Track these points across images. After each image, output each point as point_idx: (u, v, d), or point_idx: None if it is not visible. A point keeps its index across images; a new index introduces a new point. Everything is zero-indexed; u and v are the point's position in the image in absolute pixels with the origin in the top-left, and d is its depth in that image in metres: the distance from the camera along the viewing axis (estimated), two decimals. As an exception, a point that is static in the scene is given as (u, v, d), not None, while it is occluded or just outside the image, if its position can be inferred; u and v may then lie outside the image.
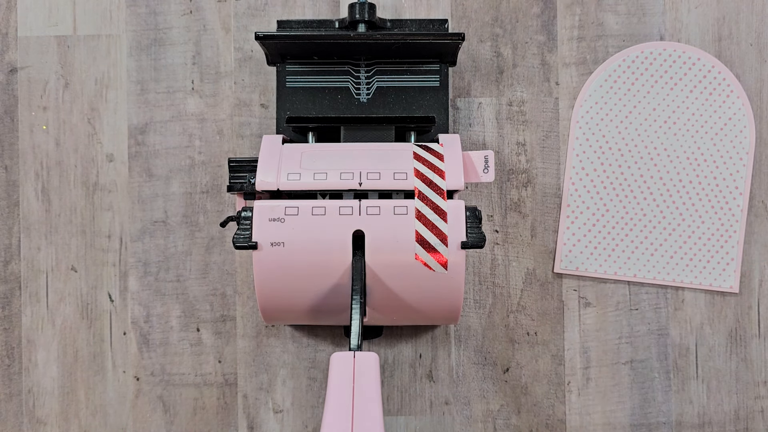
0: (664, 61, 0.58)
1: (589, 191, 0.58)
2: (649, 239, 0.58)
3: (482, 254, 0.58)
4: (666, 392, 0.58)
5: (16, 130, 0.58)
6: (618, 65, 0.58)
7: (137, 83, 0.58)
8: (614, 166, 0.58)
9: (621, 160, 0.58)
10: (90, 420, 0.58)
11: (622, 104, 0.58)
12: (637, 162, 0.58)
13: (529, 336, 0.58)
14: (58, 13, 0.59)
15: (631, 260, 0.58)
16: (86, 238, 0.58)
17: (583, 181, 0.58)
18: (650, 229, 0.58)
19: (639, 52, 0.58)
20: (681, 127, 0.58)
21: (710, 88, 0.58)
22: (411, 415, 0.57)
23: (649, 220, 0.58)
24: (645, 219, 0.58)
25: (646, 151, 0.58)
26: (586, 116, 0.58)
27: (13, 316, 0.58)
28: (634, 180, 0.58)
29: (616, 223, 0.58)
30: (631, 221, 0.58)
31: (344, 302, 0.49)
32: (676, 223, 0.58)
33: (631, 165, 0.58)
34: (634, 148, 0.58)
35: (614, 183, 0.58)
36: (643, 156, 0.58)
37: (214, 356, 0.58)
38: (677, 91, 0.58)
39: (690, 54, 0.58)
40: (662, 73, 0.58)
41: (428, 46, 0.54)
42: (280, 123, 0.56)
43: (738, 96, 0.58)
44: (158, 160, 0.58)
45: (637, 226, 0.58)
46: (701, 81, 0.58)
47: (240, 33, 0.58)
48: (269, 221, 0.48)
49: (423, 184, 0.49)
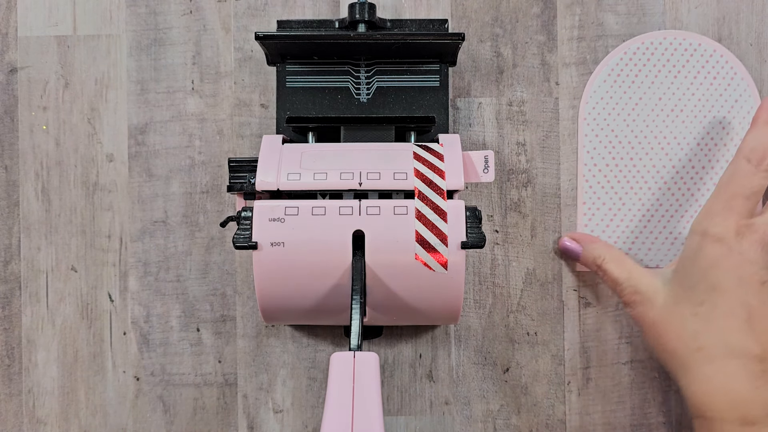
0: (665, 50, 0.58)
1: (603, 186, 0.58)
2: (668, 228, 0.57)
3: (482, 254, 0.58)
4: (666, 392, 0.58)
5: (16, 130, 0.58)
6: (620, 58, 0.58)
7: (137, 83, 0.58)
8: (626, 160, 0.58)
9: (632, 152, 0.58)
10: (90, 420, 0.58)
11: (627, 97, 0.58)
12: (648, 153, 0.58)
13: (529, 336, 0.58)
14: (58, 13, 0.59)
15: (652, 251, 0.58)
16: (86, 238, 0.58)
17: (596, 177, 0.58)
18: (668, 219, 0.57)
19: (639, 44, 0.58)
20: (688, 114, 0.58)
21: (714, 72, 0.58)
22: (411, 415, 0.57)
23: (666, 209, 0.57)
24: (662, 209, 0.57)
25: (656, 141, 0.58)
26: (593, 112, 0.58)
27: (13, 316, 0.58)
28: (647, 171, 0.58)
29: (633, 216, 0.58)
30: (648, 212, 0.58)
31: (344, 302, 0.49)
32: (693, 210, 0.57)
33: (643, 157, 0.58)
34: (644, 139, 0.58)
35: (627, 176, 0.58)
36: (654, 147, 0.58)
37: (214, 356, 0.58)
38: (681, 79, 0.58)
39: (690, 40, 0.58)
40: (665, 62, 0.58)
41: (428, 46, 0.54)
42: (280, 123, 0.56)
43: (742, 78, 0.58)
44: (158, 160, 0.58)
45: (655, 217, 0.57)
46: (704, 66, 0.58)
47: (240, 33, 0.58)
48: (269, 221, 0.48)
49: (423, 184, 0.49)
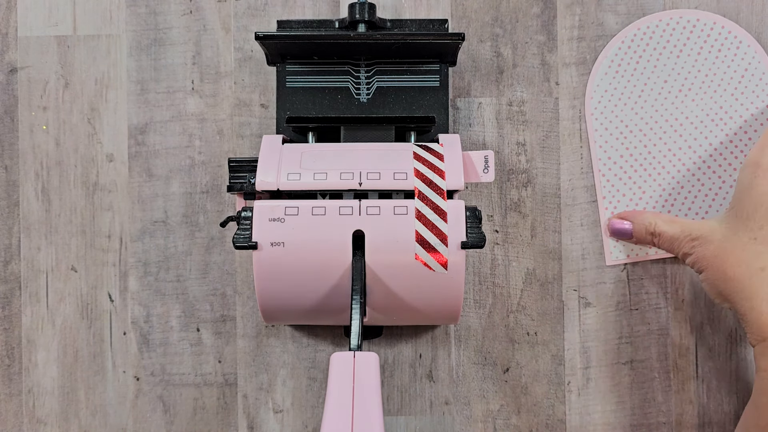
0: (663, 31, 0.57)
1: (620, 178, 0.57)
2: (692, 210, 0.56)
3: (482, 254, 0.58)
4: (666, 392, 0.58)
5: (16, 130, 0.58)
6: (618, 48, 0.57)
7: (137, 83, 0.58)
8: (639, 148, 0.57)
9: (645, 140, 0.57)
10: (90, 420, 0.58)
11: (632, 85, 0.57)
12: (662, 138, 0.57)
13: (529, 336, 0.58)
14: (58, 13, 0.59)
15: None
16: (86, 238, 0.58)
17: (612, 170, 0.57)
18: (692, 200, 0.57)
19: (636, 30, 0.57)
20: (697, 91, 0.57)
21: (717, 45, 0.57)
22: (411, 415, 0.57)
23: (688, 191, 0.57)
24: (684, 191, 0.57)
25: (668, 125, 0.57)
26: (599, 106, 0.57)
27: (13, 316, 0.58)
28: (663, 156, 0.57)
29: (656, 203, 0.57)
30: (670, 197, 0.57)
31: (344, 302, 0.49)
32: (716, 187, 0.57)
33: (657, 142, 0.57)
34: (655, 125, 0.57)
35: (644, 164, 0.57)
36: (667, 130, 0.57)
37: (214, 356, 0.58)
38: (684, 57, 0.57)
39: (688, 17, 0.57)
40: (665, 44, 0.57)
41: (428, 46, 0.54)
42: (280, 123, 0.56)
43: (749, 45, 0.56)
44: (158, 160, 0.58)
45: (678, 200, 0.57)
46: (706, 41, 0.57)
47: (240, 33, 0.58)
48: (269, 221, 0.48)
49: (423, 184, 0.49)
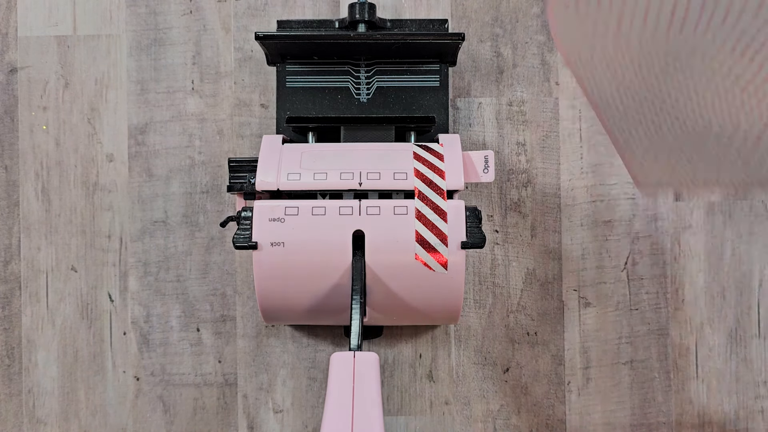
0: None
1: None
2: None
3: (482, 254, 0.58)
4: (666, 392, 0.58)
5: (16, 130, 0.58)
6: None
7: (137, 83, 0.58)
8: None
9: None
10: (90, 420, 0.58)
11: None
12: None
13: (529, 336, 0.58)
14: (58, 13, 0.59)
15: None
16: (86, 238, 0.58)
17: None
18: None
19: None
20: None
21: None
22: (411, 415, 0.57)
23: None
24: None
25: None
26: None
27: (13, 316, 0.58)
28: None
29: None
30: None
31: (344, 302, 0.49)
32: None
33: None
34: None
35: None
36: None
37: (214, 356, 0.58)
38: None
39: None
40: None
41: (428, 46, 0.54)
42: (280, 123, 0.56)
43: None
44: (158, 160, 0.58)
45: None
46: None
47: (240, 33, 0.58)
48: (269, 221, 0.48)
49: (423, 184, 0.49)
